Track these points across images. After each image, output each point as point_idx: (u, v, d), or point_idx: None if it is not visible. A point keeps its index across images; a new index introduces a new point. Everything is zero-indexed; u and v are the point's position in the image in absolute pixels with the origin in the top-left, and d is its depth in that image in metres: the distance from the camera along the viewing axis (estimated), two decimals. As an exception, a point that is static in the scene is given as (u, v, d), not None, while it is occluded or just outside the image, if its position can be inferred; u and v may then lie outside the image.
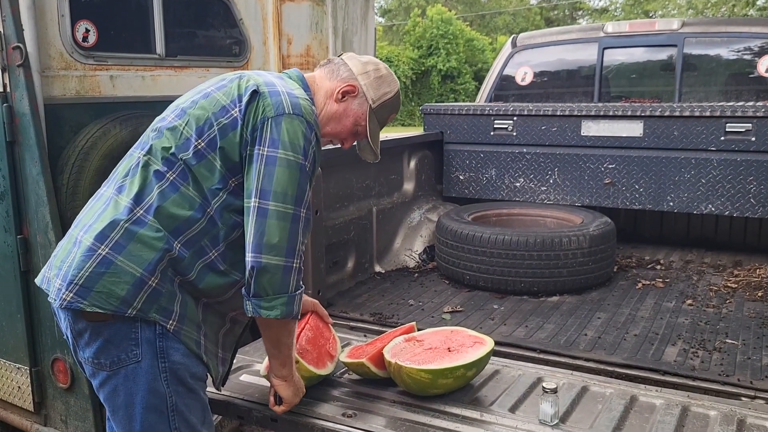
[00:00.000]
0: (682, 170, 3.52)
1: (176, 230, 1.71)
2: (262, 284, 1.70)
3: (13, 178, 2.73)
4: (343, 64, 1.98)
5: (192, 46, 3.59)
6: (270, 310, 1.72)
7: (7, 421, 3.19)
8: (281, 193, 1.70)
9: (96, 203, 1.80)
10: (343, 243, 3.24)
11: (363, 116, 1.97)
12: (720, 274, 3.40)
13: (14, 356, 2.95)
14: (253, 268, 1.69)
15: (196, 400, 1.80)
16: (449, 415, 1.97)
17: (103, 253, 1.66)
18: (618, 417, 1.95)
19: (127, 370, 1.70)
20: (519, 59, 5.04)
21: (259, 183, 1.70)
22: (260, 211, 1.70)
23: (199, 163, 1.73)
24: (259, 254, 1.69)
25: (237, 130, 1.73)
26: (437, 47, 25.48)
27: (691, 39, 4.44)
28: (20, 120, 2.66)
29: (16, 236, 2.74)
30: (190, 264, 1.74)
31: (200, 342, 1.79)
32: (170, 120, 1.81)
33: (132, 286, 1.66)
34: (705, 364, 2.30)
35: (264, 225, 1.69)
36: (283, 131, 1.72)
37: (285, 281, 1.72)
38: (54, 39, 2.85)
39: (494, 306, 2.98)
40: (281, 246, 1.69)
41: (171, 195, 1.72)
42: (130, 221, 1.69)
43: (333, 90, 1.95)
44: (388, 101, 2.01)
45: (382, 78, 1.99)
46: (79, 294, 1.65)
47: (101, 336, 1.69)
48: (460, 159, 4.09)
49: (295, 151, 1.73)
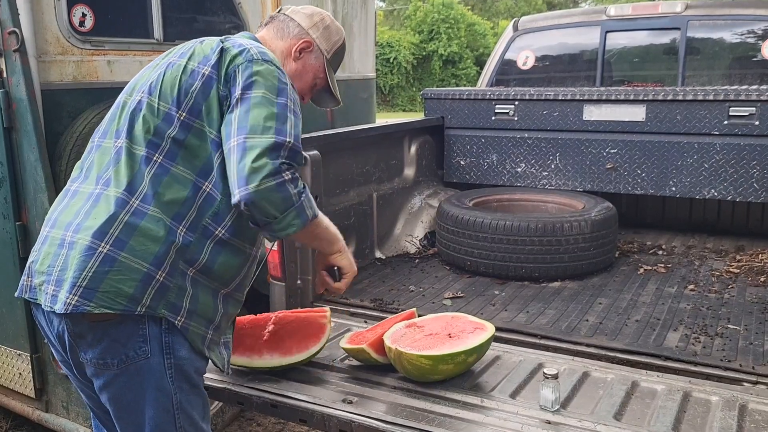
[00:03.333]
0: (684, 155, 3.49)
1: (178, 215, 1.65)
2: (265, 211, 1.60)
3: (11, 165, 2.72)
4: (290, 20, 1.96)
5: (190, 30, 3.56)
6: (286, 229, 1.64)
7: (8, 407, 3.20)
8: (258, 126, 1.61)
9: (75, 201, 1.70)
10: (343, 229, 3.19)
11: (321, 68, 1.98)
12: (722, 259, 3.39)
13: (15, 343, 2.95)
14: (245, 204, 1.58)
15: (198, 396, 1.77)
16: (450, 401, 1.96)
17: (104, 250, 1.58)
18: (619, 402, 1.94)
19: (136, 367, 1.64)
20: (520, 43, 4.99)
21: (236, 124, 1.62)
22: (237, 147, 1.59)
23: (189, 134, 1.67)
24: (246, 187, 1.57)
25: (213, 88, 1.69)
26: (438, 32, 25.34)
27: (695, 22, 4.39)
28: (17, 106, 2.64)
29: (15, 223, 2.74)
30: (198, 247, 1.67)
31: (206, 337, 1.75)
32: (139, 100, 1.72)
33: (140, 282, 1.59)
34: (707, 350, 2.29)
35: (244, 157, 1.58)
36: (255, 75, 1.68)
37: (285, 197, 1.61)
38: (50, 24, 2.82)
39: (495, 292, 2.97)
40: (264, 168, 1.57)
41: (163, 178, 1.65)
42: (128, 214, 1.61)
43: (289, 49, 1.93)
44: (339, 48, 2.03)
45: (329, 28, 2.00)
46: (84, 296, 1.56)
47: (107, 336, 1.61)
48: (461, 144, 4.06)
49: (270, 90, 1.67)
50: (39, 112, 2.68)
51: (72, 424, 2.88)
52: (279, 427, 3.57)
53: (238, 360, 2.11)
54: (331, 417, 1.92)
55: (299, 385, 2.09)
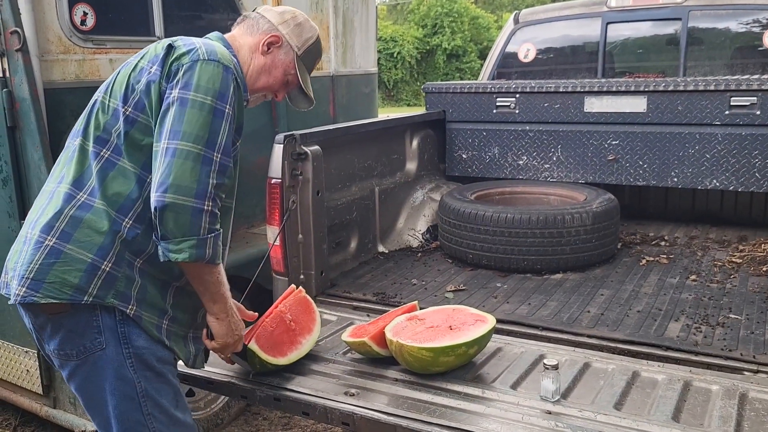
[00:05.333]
0: (686, 145, 3.49)
1: (123, 208, 1.70)
2: (168, 225, 1.61)
3: (15, 164, 2.74)
4: (261, 17, 1.98)
5: (191, 27, 3.57)
6: (178, 253, 1.62)
7: (17, 404, 3.24)
8: (191, 134, 1.64)
9: (40, 199, 1.78)
10: (345, 223, 3.24)
11: (291, 64, 1.98)
12: (725, 250, 3.39)
13: (22, 340, 2.98)
14: (155, 208, 1.60)
15: (165, 383, 1.80)
16: (451, 393, 1.98)
17: (50, 243, 1.65)
18: (620, 393, 1.95)
19: (94, 357, 1.70)
20: (521, 36, 4.99)
21: (169, 125, 1.65)
22: (168, 151, 1.62)
23: (132, 128, 1.71)
24: (163, 193, 1.59)
25: (156, 83, 1.71)
26: (442, 26, 25.27)
27: (696, 12, 4.38)
28: (20, 105, 2.67)
29: (20, 221, 2.76)
30: (145, 239, 1.71)
31: (161, 327, 1.78)
32: (96, 99, 1.80)
33: (85, 273, 1.65)
34: (708, 339, 2.30)
35: (172, 164, 1.61)
36: (197, 75, 1.69)
37: (194, 224, 1.62)
38: (52, 23, 2.84)
39: (497, 284, 2.98)
40: (189, 186, 1.61)
41: (110, 172, 1.70)
42: (74, 207, 1.68)
43: (257, 44, 1.95)
44: (312, 46, 2.03)
45: (301, 25, 2.01)
46: (31, 287, 1.64)
47: (63, 327, 1.68)
48: (462, 137, 4.07)
49: (208, 94, 1.68)
50: (42, 111, 2.71)
51: (79, 420, 2.91)
52: (285, 420, 3.59)
53: (281, 360, 2.12)
54: (334, 409, 1.94)
55: (302, 378, 2.11)
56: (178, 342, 1.84)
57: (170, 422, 1.81)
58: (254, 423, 3.59)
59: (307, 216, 2.77)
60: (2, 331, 3.06)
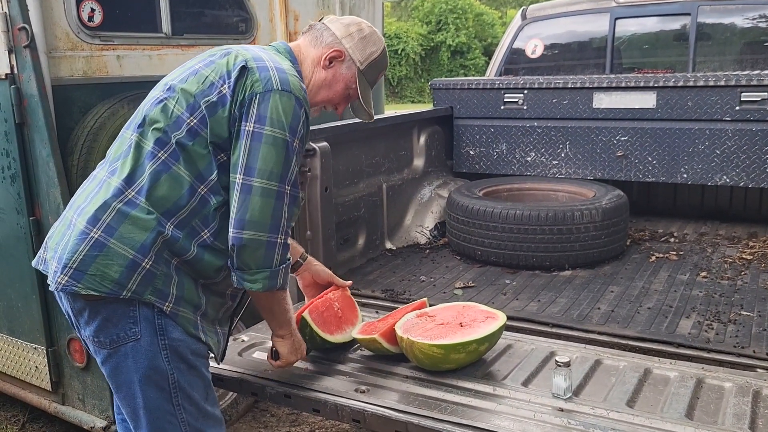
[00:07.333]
0: (696, 141, 3.47)
1: (168, 212, 1.71)
2: (244, 259, 1.72)
3: (23, 160, 2.74)
4: (325, 29, 1.95)
5: (198, 24, 3.57)
6: (253, 283, 1.74)
7: (25, 400, 3.24)
8: (266, 170, 1.70)
9: (89, 185, 1.80)
10: (353, 220, 3.23)
11: (353, 79, 1.96)
12: (735, 246, 3.37)
13: (30, 336, 2.98)
14: (233, 245, 1.71)
15: (198, 377, 1.81)
16: (462, 390, 1.97)
17: (95, 236, 1.67)
18: (632, 390, 1.94)
19: (126, 348, 1.71)
20: (529, 32, 4.97)
21: (244, 159, 1.70)
22: (244, 187, 1.70)
23: (194, 141, 1.72)
24: (240, 230, 1.70)
25: (226, 106, 1.72)
26: (446, 22, 25.20)
27: (705, 7, 4.35)
28: (28, 101, 2.66)
29: (29, 218, 2.76)
30: (186, 244, 1.74)
31: (197, 323, 1.80)
32: (160, 99, 1.78)
33: (125, 269, 1.66)
34: (720, 336, 2.28)
35: (248, 201, 1.70)
36: (271, 108, 1.71)
37: (268, 256, 1.73)
38: (59, 19, 2.83)
39: (506, 281, 2.97)
40: (264, 222, 1.70)
41: (162, 175, 1.71)
42: (121, 202, 1.69)
43: (320, 57, 1.93)
44: (376, 60, 1.99)
45: (366, 38, 1.96)
46: (74, 277, 1.66)
47: (100, 315, 1.70)
48: (470, 134, 4.05)
49: (282, 128, 1.71)
50: (50, 108, 2.70)
51: (88, 417, 2.91)
52: (293, 417, 3.59)
53: (328, 336, 2.19)
54: (344, 406, 1.93)
55: (312, 375, 2.11)
56: (212, 338, 1.86)
57: (199, 414, 1.82)
58: (262, 420, 3.59)
59: (315, 212, 2.77)
60: (11, 327, 3.06)
